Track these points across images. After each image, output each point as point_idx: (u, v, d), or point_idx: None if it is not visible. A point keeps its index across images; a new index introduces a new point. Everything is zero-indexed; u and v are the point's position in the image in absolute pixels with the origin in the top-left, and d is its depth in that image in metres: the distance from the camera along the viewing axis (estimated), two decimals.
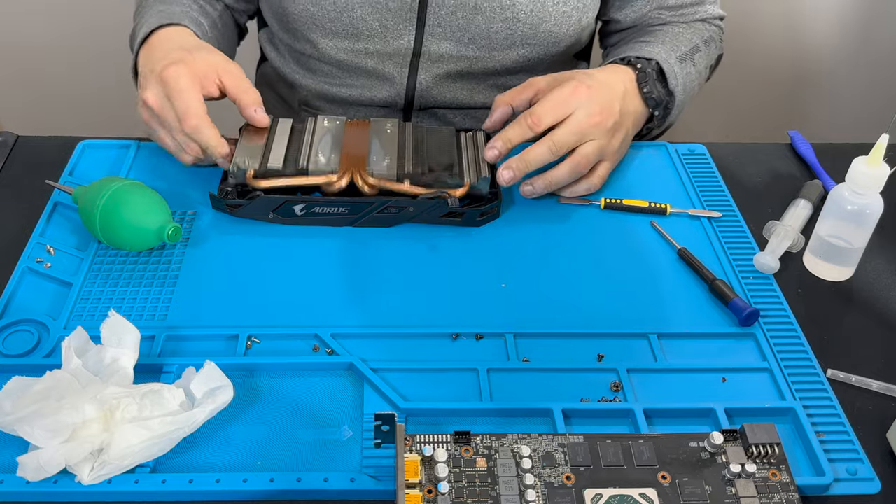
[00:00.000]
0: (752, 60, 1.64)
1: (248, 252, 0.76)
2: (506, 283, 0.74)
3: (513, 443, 0.57)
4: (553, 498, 0.54)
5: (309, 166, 0.77)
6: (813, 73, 1.69)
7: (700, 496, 0.54)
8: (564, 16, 0.91)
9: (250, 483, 0.57)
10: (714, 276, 0.73)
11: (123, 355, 0.61)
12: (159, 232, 0.72)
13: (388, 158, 0.78)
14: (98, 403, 0.56)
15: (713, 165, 0.88)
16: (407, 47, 0.92)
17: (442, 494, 0.53)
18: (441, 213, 0.77)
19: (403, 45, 0.92)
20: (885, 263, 0.78)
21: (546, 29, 0.91)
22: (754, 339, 0.69)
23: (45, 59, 1.63)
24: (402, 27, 0.90)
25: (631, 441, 0.57)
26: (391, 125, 0.83)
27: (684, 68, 0.88)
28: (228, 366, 0.63)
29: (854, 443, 0.61)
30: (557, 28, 0.92)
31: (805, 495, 0.58)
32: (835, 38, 1.65)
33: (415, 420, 0.62)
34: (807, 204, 0.82)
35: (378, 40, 0.91)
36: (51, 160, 0.86)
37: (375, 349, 0.67)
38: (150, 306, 0.70)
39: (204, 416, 0.58)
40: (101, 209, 0.72)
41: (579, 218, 0.81)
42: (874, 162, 0.69)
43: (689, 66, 0.89)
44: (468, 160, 0.80)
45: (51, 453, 0.54)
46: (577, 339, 0.69)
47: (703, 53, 0.92)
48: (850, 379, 0.67)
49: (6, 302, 0.70)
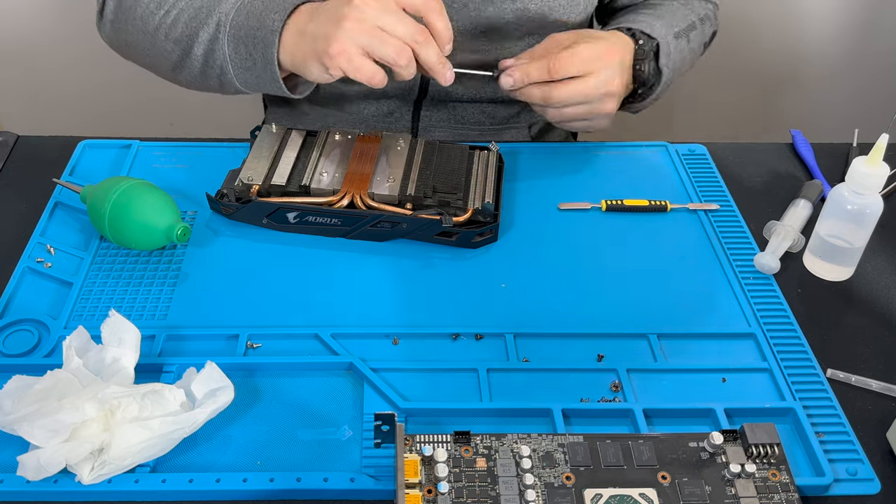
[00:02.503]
0: (752, 60, 1.64)
1: (249, 252, 0.76)
2: (506, 283, 0.74)
3: (513, 443, 0.57)
4: (553, 498, 0.54)
5: (311, 185, 0.77)
6: (813, 73, 1.69)
7: (700, 496, 0.54)
8: (573, 3, 0.92)
9: (250, 483, 0.57)
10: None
11: (124, 355, 0.61)
12: (168, 232, 0.72)
13: (391, 179, 0.77)
14: (98, 403, 0.56)
15: (713, 165, 0.88)
16: None
17: (442, 494, 0.53)
18: (435, 232, 0.76)
19: None
20: (885, 263, 0.78)
21: (556, 18, 0.92)
22: (754, 339, 0.69)
23: (45, 59, 1.63)
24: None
25: (631, 441, 0.57)
26: (403, 141, 0.82)
27: (679, 45, 0.88)
28: (228, 366, 0.63)
29: (854, 443, 0.61)
30: (567, 15, 0.92)
31: (805, 495, 0.58)
32: (835, 38, 1.65)
33: (415, 420, 0.62)
34: (807, 204, 0.82)
35: None
36: (51, 160, 0.86)
37: (375, 349, 0.67)
38: (150, 306, 0.70)
39: (204, 416, 0.58)
40: (111, 208, 0.72)
41: (580, 221, 0.81)
42: (874, 162, 0.69)
43: (683, 43, 0.89)
44: (476, 182, 0.79)
45: (51, 453, 0.54)
46: (577, 339, 0.69)
47: (699, 31, 0.92)
48: (850, 379, 0.67)
49: (6, 302, 0.70)
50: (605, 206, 0.82)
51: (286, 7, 0.76)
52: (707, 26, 0.95)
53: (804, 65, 1.68)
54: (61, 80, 1.65)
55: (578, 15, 0.93)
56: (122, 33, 0.86)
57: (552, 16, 0.91)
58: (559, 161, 0.88)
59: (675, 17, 0.90)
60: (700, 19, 0.93)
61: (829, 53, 1.66)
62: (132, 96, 1.51)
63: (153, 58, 0.85)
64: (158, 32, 0.82)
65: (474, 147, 0.84)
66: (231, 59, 0.79)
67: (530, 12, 0.90)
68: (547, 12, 0.90)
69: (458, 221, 0.75)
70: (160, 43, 0.83)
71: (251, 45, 0.77)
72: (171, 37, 0.81)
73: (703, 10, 0.95)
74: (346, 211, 0.75)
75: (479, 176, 0.80)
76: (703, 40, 0.95)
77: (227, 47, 0.78)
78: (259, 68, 0.78)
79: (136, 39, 0.85)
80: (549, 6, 0.90)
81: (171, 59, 0.83)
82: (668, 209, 0.82)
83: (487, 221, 0.76)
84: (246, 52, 0.78)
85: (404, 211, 0.75)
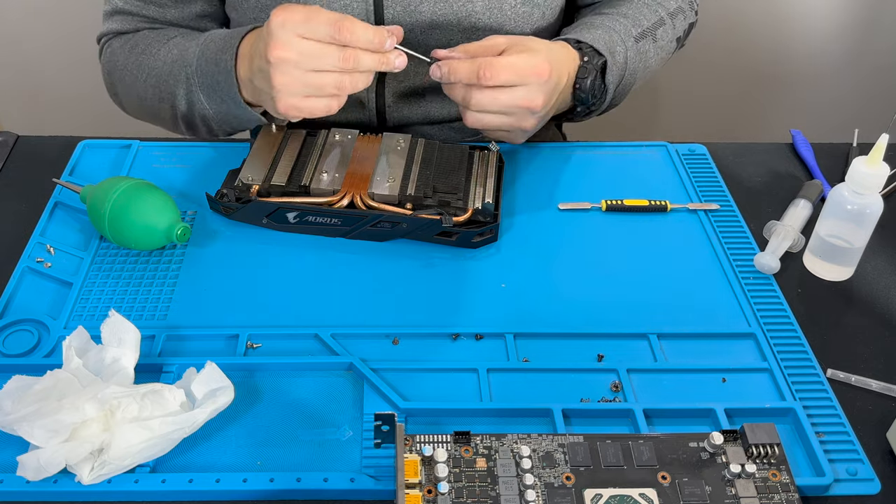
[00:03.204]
0: (752, 60, 1.64)
1: (249, 252, 0.76)
2: (506, 283, 0.74)
3: (513, 443, 0.57)
4: (553, 498, 0.54)
5: (311, 185, 0.77)
6: (813, 72, 1.69)
7: (700, 496, 0.54)
8: (525, 15, 0.88)
9: (250, 483, 0.57)
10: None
11: (124, 355, 0.61)
12: (168, 231, 0.72)
13: (391, 179, 0.77)
14: (98, 403, 0.56)
15: (713, 165, 0.88)
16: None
17: (442, 494, 0.53)
18: (435, 232, 0.76)
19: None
20: (885, 263, 0.78)
21: (508, 32, 0.88)
22: (754, 339, 0.69)
23: (45, 59, 1.63)
24: None
25: (631, 441, 0.57)
26: (403, 141, 0.82)
27: (641, 47, 0.86)
28: (228, 366, 0.63)
29: (854, 443, 0.61)
30: (520, 29, 0.89)
31: (805, 496, 0.58)
32: (835, 38, 1.64)
33: (415, 420, 0.62)
34: (807, 204, 0.82)
35: None
36: (51, 160, 0.86)
37: (375, 349, 0.67)
38: (150, 306, 0.70)
39: (204, 416, 0.58)
40: (111, 208, 0.72)
41: (581, 222, 0.81)
42: (874, 162, 0.69)
43: (647, 44, 0.87)
44: (476, 182, 0.79)
45: (51, 453, 0.55)
46: (577, 339, 0.69)
47: (669, 26, 0.90)
48: (850, 379, 0.67)
49: (6, 302, 0.70)
50: (605, 206, 0.82)
51: (233, 43, 0.78)
52: (679, 20, 0.92)
53: (804, 65, 1.68)
54: (61, 80, 1.65)
55: (533, 25, 0.89)
56: (126, 107, 0.93)
57: (502, 31, 0.88)
58: (559, 161, 0.88)
59: (640, 14, 0.88)
60: (670, 13, 0.91)
61: (830, 53, 1.66)
62: None
63: (152, 118, 0.91)
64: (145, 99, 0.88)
65: (475, 147, 0.84)
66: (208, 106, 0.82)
67: (479, 31, 0.87)
68: (497, 28, 0.87)
69: (458, 221, 0.75)
70: (152, 108, 0.88)
71: (218, 88, 0.79)
72: (158, 97, 0.86)
73: (674, 4, 0.92)
74: (346, 211, 0.75)
75: (479, 176, 0.80)
76: (676, 35, 0.92)
77: (202, 96, 0.81)
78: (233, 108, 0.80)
79: (136, 111, 0.91)
80: (499, 22, 0.87)
81: (167, 117, 0.87)
82: (668, 209, 0.82)
83: (487, 221, 0.76)
84: (218, 98, 0.80)
85: (404, 211, 0.75)
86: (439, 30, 0.87)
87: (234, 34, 0.79)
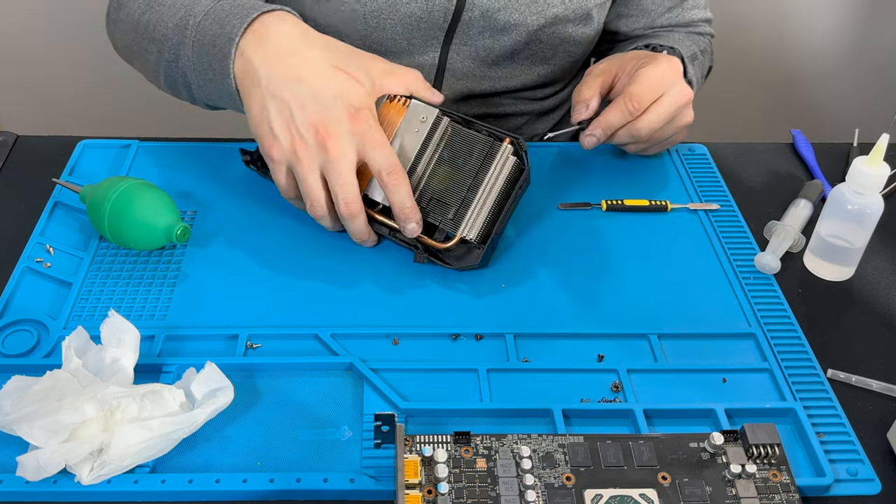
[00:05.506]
0: (752, 60, 1.64)
1: (249, 252, 0.76)
2: (506, 283, 0.74)
3: (513, 443, 0.57)
4: (553, 498, 0.54)
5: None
6: (813, 72, 1.69)
7: (700, 497, 0.54)
8: (583, 35, 0.93)
9: (250, 483, 0.57)
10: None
11: (123, 355, 0.61)
12: (168, 231, 0.72)
13: None
14: (98, 403, 0.56)
15: (713, 165, 0.88)
16: (432, 63, 0.91)
17: (442, 495, 0.53)
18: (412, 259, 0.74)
19: (428, 61, 0.91)
20: (885, 263, 0.78)
21: (566, 49, 0.93)
22: (754, 339, 0.69)
23: (45, 59, 1.63)
24: (429, 44, 0.90)
25: (631, 441, 0.57)
26: (426, 116, 0.73)
27: (693, 70, 0.89)
28: (228, 366, 0.63)
29: (854, 443, 0.61)
30: (576, 47, 0.94)
31: (805, 496, 0.58)
32: (835, 38, 1.65)
33: (415, 420, 0.62)
34: (807, 204, 0.82)
35: (404, 56, 0.91)
36: (51, 160, 0.85)
37: (375, 349, 0.67)
38: (150, 306, 0.70)
39: (204, 417, 0.58)
40: (111, 208, 0.72)
41: (580, 221, 0.81)
42: (874, 162, 0.69)
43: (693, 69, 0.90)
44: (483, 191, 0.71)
45: (50, 453, 0.54)
46: (577, 340, 0.69)
47: (700, 62, 0.93)
48: (850, 379, 0.67)
49: (6, 302, 0.70)
50: (605, 206, 0.82)
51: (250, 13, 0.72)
52: (706, 58, 0.96)
53: (804, 65, 1.68)
54: (61, 80, 1.65)
55: (588, 45, 0.94)
56: (119, 34, 0.84)
57: (562, 47, 0.93)
58: (559, 161, 0.88)
59: (682, 45, 0.90)
60: (701, 51, 0.94)
61: (830, 52, 1.66)
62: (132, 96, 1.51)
63: (140, 62, 0.82)
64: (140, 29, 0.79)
65: (503, 138, 0.72)
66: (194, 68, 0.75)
67: (542, 44, 0.91)
68: (557, 44, 0.92)
69: (439, 248, 0.72)
70: (144, 44, 0.79)
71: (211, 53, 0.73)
72: (151, 36, 0.78)
73: (703, 42, 0.96)
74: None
75: (489, 184, 0.71)
76: (703, 72, 0.96)
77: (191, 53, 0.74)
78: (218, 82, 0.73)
79: (128, 39, 0.82)
80: (560, 38, 0.91)
81: (150, 61, 0.79)
82: (668, 209, 0.82)
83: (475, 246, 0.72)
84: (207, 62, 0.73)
85: (392, 224, 0.73)
86: (507, 36, 0.89)
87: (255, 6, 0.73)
